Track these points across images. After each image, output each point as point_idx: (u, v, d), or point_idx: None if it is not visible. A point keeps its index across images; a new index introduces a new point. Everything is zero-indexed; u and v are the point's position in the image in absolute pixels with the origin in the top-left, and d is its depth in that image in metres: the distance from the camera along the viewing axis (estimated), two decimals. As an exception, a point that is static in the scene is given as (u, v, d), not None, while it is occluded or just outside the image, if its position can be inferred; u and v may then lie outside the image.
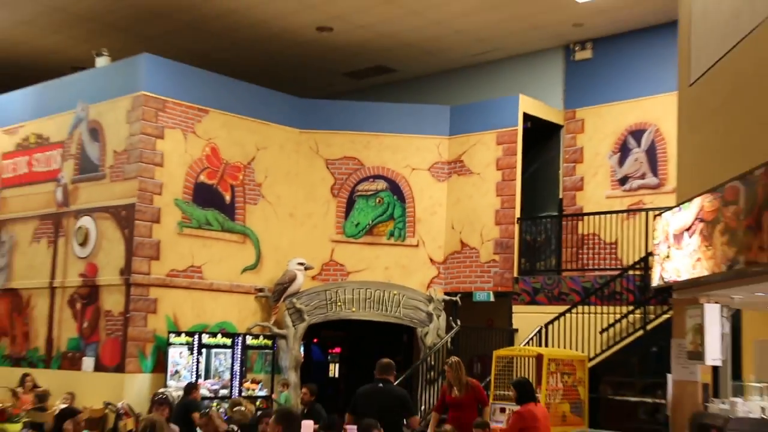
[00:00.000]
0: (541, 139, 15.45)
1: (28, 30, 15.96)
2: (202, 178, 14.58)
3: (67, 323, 14.87)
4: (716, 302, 6.85)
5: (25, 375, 14.59)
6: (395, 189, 15.49)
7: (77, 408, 9.62)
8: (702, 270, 6.19)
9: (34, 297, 15.78)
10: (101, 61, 15.39)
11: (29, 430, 11.83)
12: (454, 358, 10.85)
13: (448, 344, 14.58)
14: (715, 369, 7.81)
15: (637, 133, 14.68)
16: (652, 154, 14.48)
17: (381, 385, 8.42)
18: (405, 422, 8.31)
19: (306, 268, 14.78)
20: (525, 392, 8.78)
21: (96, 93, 15.08)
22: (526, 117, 15.06)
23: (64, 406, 12.55)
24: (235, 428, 9.38)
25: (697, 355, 6.98)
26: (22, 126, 16.82)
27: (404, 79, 17.17)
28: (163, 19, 14.72)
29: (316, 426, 8.70)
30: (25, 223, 16.27)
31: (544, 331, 13.27)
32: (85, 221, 14.75)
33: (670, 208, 7.50)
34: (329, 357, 15.47)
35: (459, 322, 14.64)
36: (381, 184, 15.55)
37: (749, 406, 7.01)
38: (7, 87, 17.43)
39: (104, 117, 14.76)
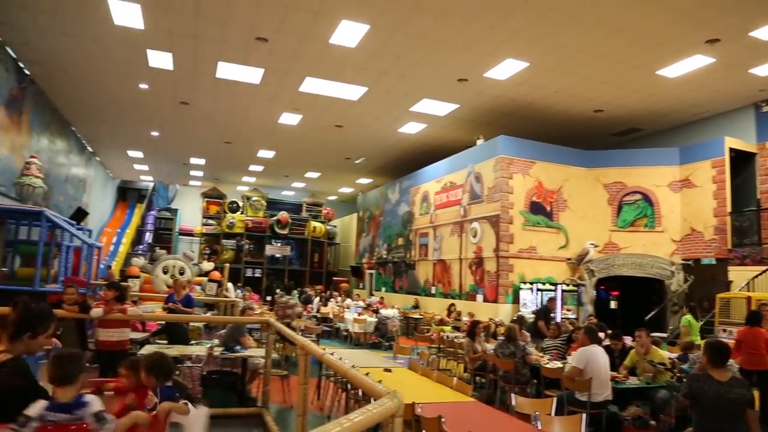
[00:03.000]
0: (739, 162, 13.39)
1: (442, 130, 16.23)
2: (534, 198, 14.58)
3: (468, 277, 15.52)
4: None
5: (451, 304, 15.39)
6: (647, 198, 14.45)
7: (480, 320, 10.08)
8: None
9: (452, 263, 16.51)
10: (480, 142, 15.82)
11: (454, 330, 12.41)
12: None
13: (686, 290, 13.51)
14: None
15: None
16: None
17: None
18: None
19: (594, 246, 14.36)
20: (752, 319, 7.89)
21: (478, 158, 15.59)
22: (730, 150, 13.29)
23: (471, 319, 13.80)
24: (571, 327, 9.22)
25: None
26: (443, 178, 17.66)
27: (649, 134, 15.78)
28: (508, 117, 14.86)
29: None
30: (446, 227, 17.06)
31: (752, 282, 11.81)
32: (475, 224, 15.28)
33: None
34: (610, 297, 14.85)
35: (692, 277, 13.52)
36: (638, 196, 14.55)
37: None
38: (437, 158, 18.40)
39: (482, 170, 15.23)
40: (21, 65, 12.66)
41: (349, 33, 10.27)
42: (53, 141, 15.99)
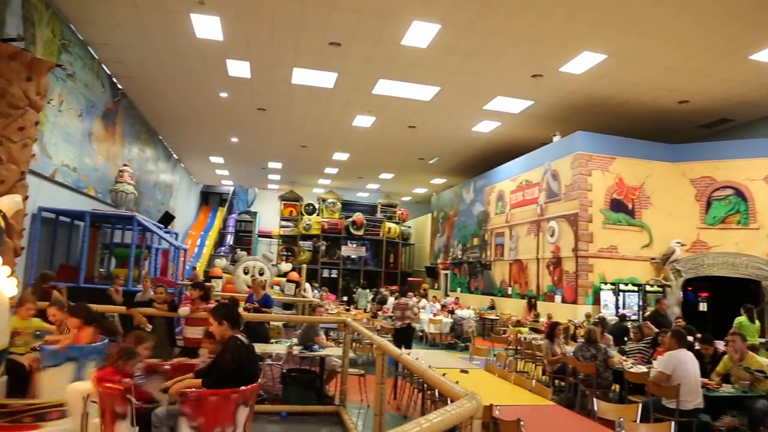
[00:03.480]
0: None
1: (516, 128, 15.97)
2: (615, 195, 14.05)
3: (545, 277, 15.24)
4: None
5: (531, 297, 15.45)
6: (739, 193, 13.47)
7: (559, 322, 9.75)
8: None
9: (529, 264, 16.28)
10: (556, 139, 15.50)
11: (531, 332, 12.19)
12: None
13: (786, 291, 12.70)
14: None
15: None
16: None
17: None
18: None
19: (681, 245, 13.56)
20: None
21: (555, 155, 15.28)
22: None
23: (549, 320, 13.46)
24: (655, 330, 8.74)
25: None
26: (519, 176, 17.41)
27: (740, 125, 14.64)
28: (585, 112, 14.31)
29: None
30: (523, 226, 16.83)
31: None
32: (552, 223, 15.00)
33: None
34: (699, 298, 14.00)
35: (794, 276, 12.68)
36: (729, 191, 13.60)
37: None
38: (512, 156, 18.16)
39: (559, 167, 14.93)
40: (115, 81, 13.53)
41: (420, 33, 10.27)
42: (143, 149, 16.97)
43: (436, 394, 5.87)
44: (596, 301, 13.58)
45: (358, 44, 10.91)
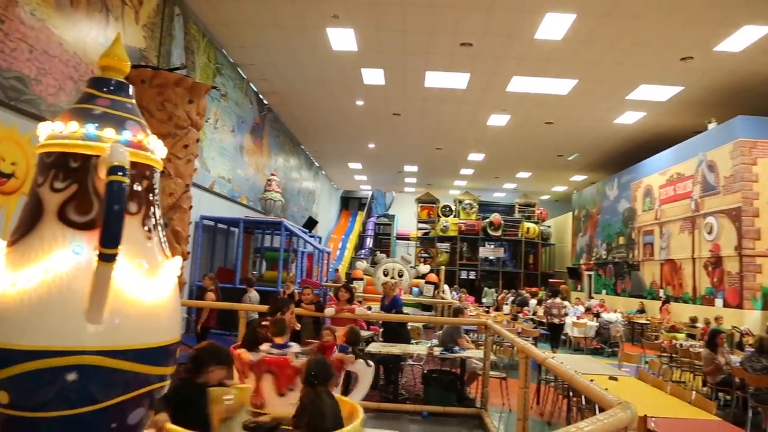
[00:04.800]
0: None
1: (664, 117, 14.90)
2: (785, 186, 12.81)
3: (703, 278, 14.18)
4: None
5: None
6: None
7: (720, 329, 8.86)
8: None
9: (683, 264, 15.25)
10: (711, 126, 14.29)
11: (688, 338, 11.65)
12: None
13: None
14: None
15: None
16: None
17: None
18: None
19: None
20: None
21: (710, 144, 14.18)
22: None
23: (706, 327, 12.33)
24: None
25: None
26: (668, 169, 16.37)
27: None
28: (746, 94, 12.79)
29: None
30: (675, 223, 15.81)
31: None
32: (710, 219, 13.96)
33: None
34: None
35: None
36: None
37: None
38: (660, 148, 16.97)
39: (716, 157, 13.80)
40: (261, 97, 14.59)
41: (554, 25, 9.90)
42: (287, 159, 18.10)
43: (583, 401, 5.60)
44: (766, 305, 12.19)
45: (489, 42, 10.76)
